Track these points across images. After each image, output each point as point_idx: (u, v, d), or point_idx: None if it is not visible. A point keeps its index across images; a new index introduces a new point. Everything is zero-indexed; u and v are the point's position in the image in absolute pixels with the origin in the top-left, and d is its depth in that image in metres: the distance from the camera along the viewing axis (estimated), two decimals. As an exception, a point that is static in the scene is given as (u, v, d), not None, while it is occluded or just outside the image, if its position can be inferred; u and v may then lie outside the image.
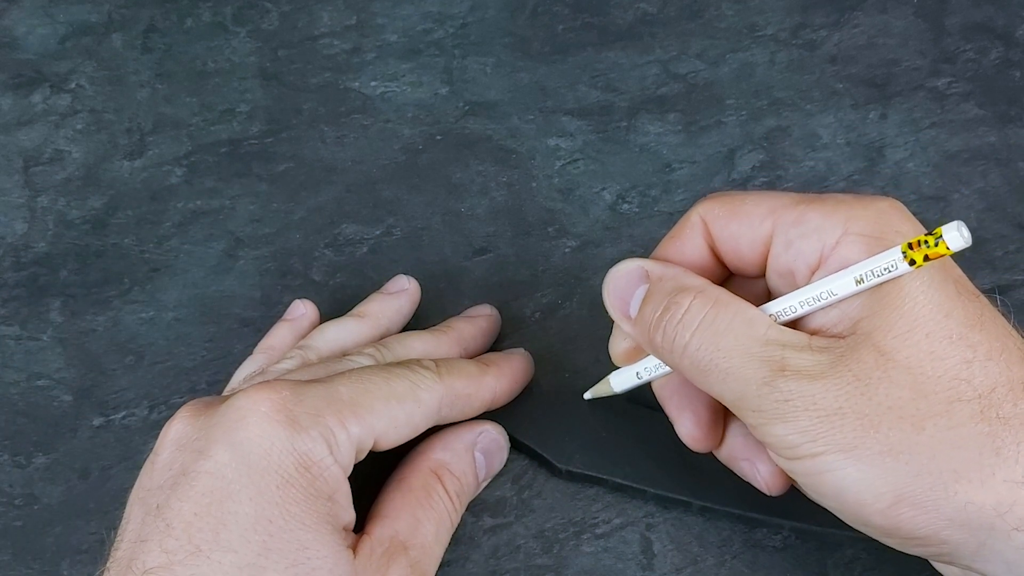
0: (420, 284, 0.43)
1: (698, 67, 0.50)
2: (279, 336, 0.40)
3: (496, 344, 0.42)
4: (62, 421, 0.41)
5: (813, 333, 0.30)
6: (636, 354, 0.36)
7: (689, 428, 0.35)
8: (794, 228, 0.31)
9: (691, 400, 0.35)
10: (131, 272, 0.45)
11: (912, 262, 0.28)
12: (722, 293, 0.32)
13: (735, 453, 0.35)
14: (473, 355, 0.40)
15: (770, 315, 0.31)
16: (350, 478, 0.33)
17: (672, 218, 0.45)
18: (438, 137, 0.48)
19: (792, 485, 0.34)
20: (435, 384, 0.35)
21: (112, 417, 0.41)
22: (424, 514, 0.34)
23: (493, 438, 0.38)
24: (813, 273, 0.31)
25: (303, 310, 0.41)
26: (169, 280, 0.44)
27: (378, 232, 0.45)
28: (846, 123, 0.47)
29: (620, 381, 0.37)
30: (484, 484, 0.38)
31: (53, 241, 0.46)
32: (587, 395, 0.39)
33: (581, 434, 0.38)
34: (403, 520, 0.34)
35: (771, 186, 0.46)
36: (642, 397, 0.38)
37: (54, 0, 0.53)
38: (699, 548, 0.38)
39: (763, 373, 0.29)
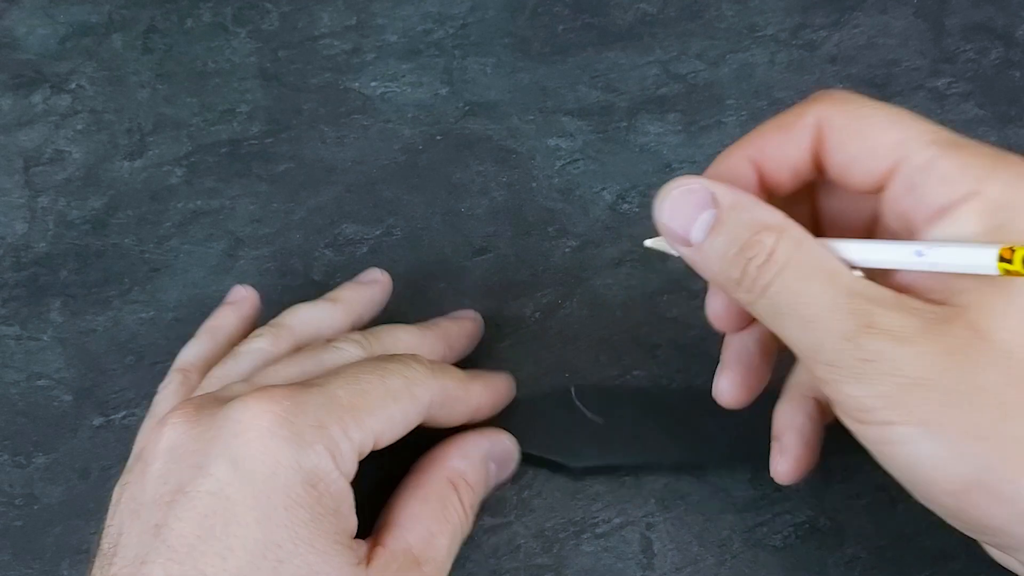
0: (420, 284, 0.43)
1: (698, 67, 0.50)
2: (223, 317, 0.40)
3: (494, 344, 0.42)
4: (62, 421, 0.41)
5: (901, 290, 0.28)
6: (740, 319, 0.34)
7: (726, 386, 0.34)
8: (921, 173, 0.29)
9: (744, 361, 0.34)
10: (131, 272, 0.45)
11: (1007, 271, 0.26)
12: (805, 235, 0.29)
13: (774, 430, 0.34)
14: (457, 354, 0.40)
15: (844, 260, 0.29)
16: (354, 482, 0.32)
17: (672, 218, 0.45)
18: (438, 137, 0.48)
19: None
20: (429, 380, 0.34)
21: (112, 417, 0.41)
22: (439, 527, 0.34)
23: (506, 447, 0.37)
24: (929, 224, 0.29)
25: (244, 293, 0.41)
26: (169, 280, 0.44)
27: (378, 232, 0.45)
28: (846, 123, 0.47)
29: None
30: (491, 491, 0.37)
31: (53, 241, 0.46)
32: (647, 242, 0.35)
33: (582, 430, 0.38)
34: (417, 532, 0.33)
35: (771, 186, 0.46)
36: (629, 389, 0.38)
37: (54, 0, 0.53)
38: (699, 548, 0.38)
39: (848, 326, 0.27)
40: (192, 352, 0.39)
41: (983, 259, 0.27)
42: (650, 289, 0.43)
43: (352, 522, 0.32)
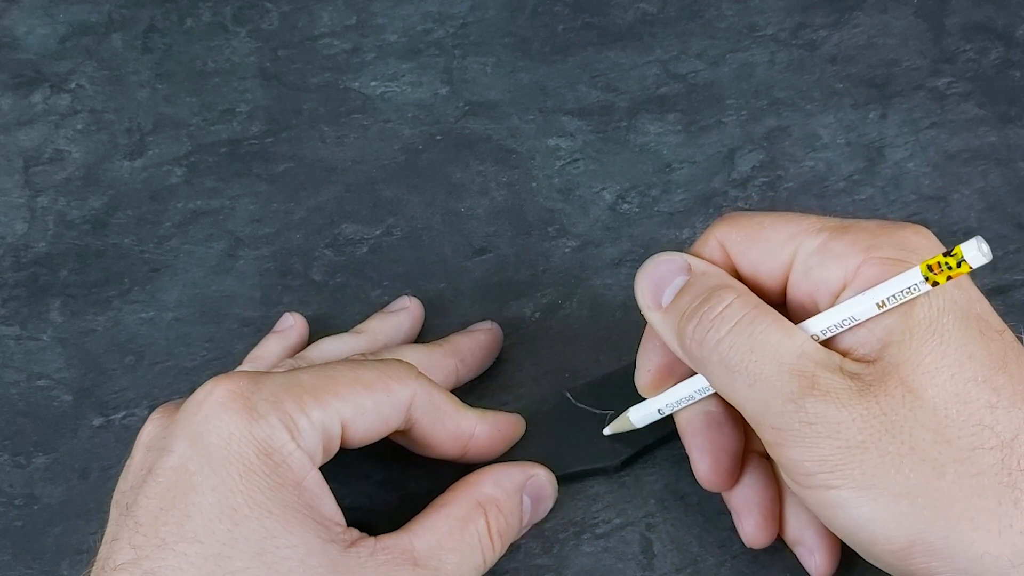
0: (420, 284, 0.43)
1: (698, 67, 0.50)
2: (267, 347, 0.40)
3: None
4: (62, 421, 0.41)
5: (842, 353, 0.30)
6: (661, 383, 0.35)
7: (706, 471, 0.35)
8: (815, 256, 0.31)
9: (713, 444, 0.35)
10: (131, 272, 0.45)
11: (935, 284, 0.28)
12: (762, 303, 0.31)
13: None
14: (472, 368, 0.40)
15: None
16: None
17: (672, 218, 0.45)
18: (438, 137, 0.48)
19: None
20: (408, 378, 0.34)
21: (112, 417, 0.41)
22: (452, 543, 0.33)
23: (542, 484, 0.36)
24: (835, 300, 0.31)
25: (292, 322, 0.41)
26: (169, 280, 0.44)
27: (378, 232, 0.45)
28: (846, 123, 0.47)
29: (640, 417, 0.37)
30: (525, 530, 0.36)
31: (53, 241, 0.46)
32: (607, 431, 0.38)
33: (598, 428, 0.38)
34: (425, 539, 0.33)
35: (771, 186, 0.46)
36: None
37: (54, 0, 0.53)
38: (699, 548, 0.38)
39: (792, 387, 0.29)
40: None
41: (912, 280, 0.28)
42: (650, 289, 0.43)
43: (326, 504, 0.32)
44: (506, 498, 0.35)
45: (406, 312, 0.41)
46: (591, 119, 0.48)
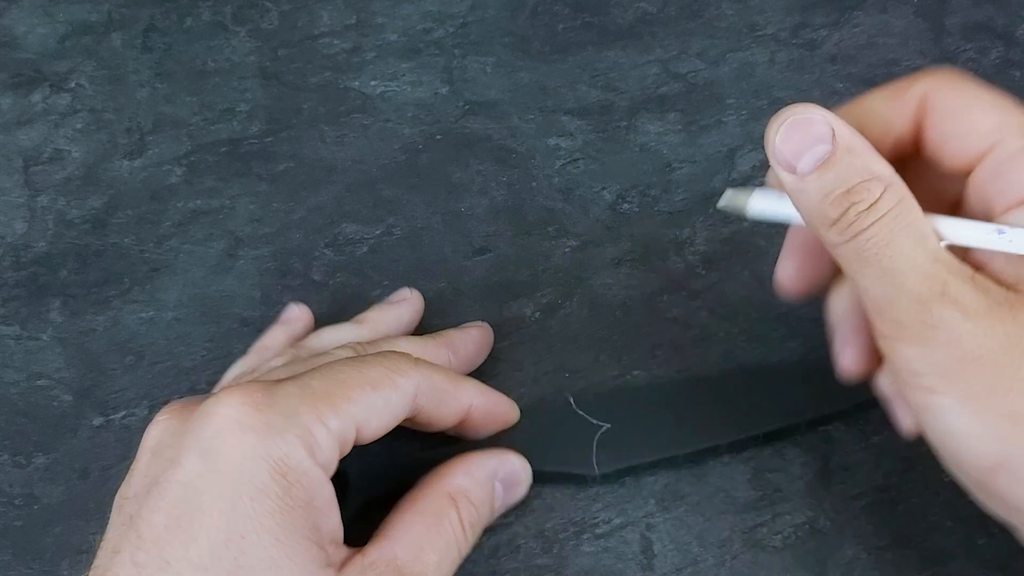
0: (420, 284, 0.43)
1: (698, 67, 0.50)
2: (273, 337, 0.40)
3: (494, 344, 0.42)
4: (62, 421, 0.41)
5: (976, 268, 0.29)
6: (806, 280, 0.34)
7: (851, 359, 0.34)
8: (1011, 160, 0.29)
9: (862, 332, 0.33)
10: (131, 272, 0.45)
11: None
12: (908, 193, 0.29)
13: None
14: (464, 361, 0.40)
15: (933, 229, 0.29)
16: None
17: (672, 218, 0.45)
18: (438, 137, 0.48)
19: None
20: (411, 369, 0.34)
21: (112, 417, 0.41)
22: (429, 541, 0.33)
23: (513, 467, 0.36)
24: (1010, 210, 0.29)
25: (297, 313, 0.41)
26: (169, 280, 0.44)
27: (378, 232, 0.45)
28: (846, 123, 0.47)
29: (761, 206, 0.33)
30: (498, 515, 0.37)
31: (53, 241, 0.46)
32: (720, 203, 0.33)
33: (590, 437, 0.38)
34: (404, 544, 0.33)
35: (771, 186, 0.46)
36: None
37: (54, 0, 0.53)
38: (699, 548, 0.38)
39: (921, 288, 0.28)
40: (238, 371, 0.39)
41: None
42: (650, 289, 0.43)
43: (331, 521, 0.31)
44: (478, 488, 0.35)
45: (407, 303, 0.41)
46: (591, 119, 0.48)
